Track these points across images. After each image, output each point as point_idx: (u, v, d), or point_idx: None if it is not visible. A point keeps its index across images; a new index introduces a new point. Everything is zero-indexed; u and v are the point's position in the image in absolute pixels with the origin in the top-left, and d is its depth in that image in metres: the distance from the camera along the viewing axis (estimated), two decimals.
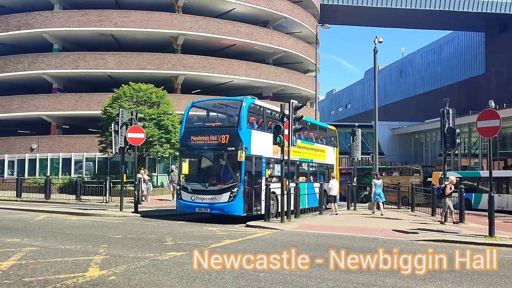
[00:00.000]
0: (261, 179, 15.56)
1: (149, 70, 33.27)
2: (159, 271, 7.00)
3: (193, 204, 15.09)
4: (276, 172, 16.72)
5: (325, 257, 8.49)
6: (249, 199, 14.95)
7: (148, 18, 33.55)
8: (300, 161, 18.83)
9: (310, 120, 21.53)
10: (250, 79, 37.09)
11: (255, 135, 15.55)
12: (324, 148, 21.38)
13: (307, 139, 19.52)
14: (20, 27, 33.59)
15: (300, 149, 18.18)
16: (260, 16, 39.25)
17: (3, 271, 6.72)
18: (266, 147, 15.81)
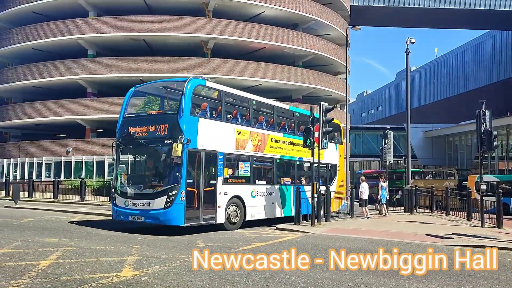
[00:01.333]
0: (215, 180, 12.67)
1: (180, 74, 33.69)
2: (191, 272, 7.07)
3: (127, 211, 12.15)
4: (242, 171, 14.03)
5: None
6: (196, 205, 11.98)
7: (179, 23, 34.05)
8: (282, 159, 16.00)
9: (299, 110, 18.10)
10: (279, 82, 37.05)
11: (207, 125, 12.66)
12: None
13: (295, 133, 16.70)
14: (57, 34, 34.69)
15: (280, 144, 15.74)
16: (290, 19, 39.18)
17: (42, 270, 6.94)
18: (226, 140, 13.27)
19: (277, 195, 15.55)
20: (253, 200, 14.23)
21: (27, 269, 7.00)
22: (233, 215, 13.35)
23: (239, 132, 13.92)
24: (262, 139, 14.88)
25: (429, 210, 22.21)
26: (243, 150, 13.98)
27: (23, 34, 36.10)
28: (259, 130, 14.86)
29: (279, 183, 15.79)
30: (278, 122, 16.34)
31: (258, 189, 14.58)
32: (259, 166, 15.19)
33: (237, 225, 13.45)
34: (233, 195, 13.28)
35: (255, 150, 14.55)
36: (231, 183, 13.47)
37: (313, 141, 14.28)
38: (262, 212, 14.80)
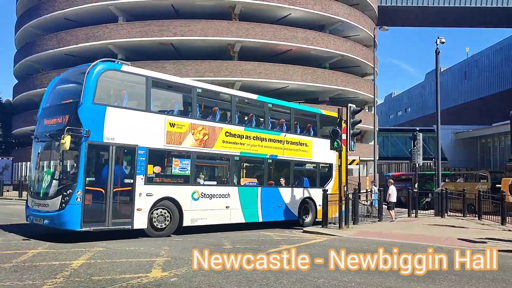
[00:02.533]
0: (134, 178, 11.08)
1: (207, 78, 33.99)
2: (218, 274, 7.11)
3: (32, 213, 10.97)
4: (178, 169, 12.31)
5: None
6: (101, 207, 10.45)
7: (206, 26, 34.40)
8: (244, 157, 14.05)
9: (274, 101, 15.91)
10: (306, 83, 36.90)
11: (120, 115, 11.09)
12: (307, 141, 16.09)
13: (266, 128, 14.92)
14: (88, 39, 35.59)
15: (241, 139, 13.83)
16: (316, 21, 39.00)
17: (74, 270, 7.12)
18: (152, 133, 11.62)
19: (234, 198, 13.51)
20: (195, 203, 12.44)
21: (60, 268, 7.19)
22: (160, 220, 11.57)
23: (173, 124, 12.12)
24: (211, 133, 13.00)
25: (461, 214, 21.65)
26: (179, 145, 12.21)
27: (55, 40, 37.18)
28: (205, 122, 13.00)
29: (238, 184, 13.90)
30: (242, 114, 14.67)
31: (203, 190, 12.72)
32: (207, 164, 13.59)
33: (165, 232, 11.63)
34: (162, 196, 11.60)
35: (200, 145, 12.70)
36: (160, 182, 11.78)
37: (341, 144, 14.15)
38: (211, 217, 12.86)
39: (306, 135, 16.23)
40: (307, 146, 16.02)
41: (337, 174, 16.19)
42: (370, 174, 40.98)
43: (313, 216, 16.00)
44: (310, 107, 17.49)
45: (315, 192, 15.96)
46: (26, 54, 40.34)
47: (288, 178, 15.44)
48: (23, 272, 6.87)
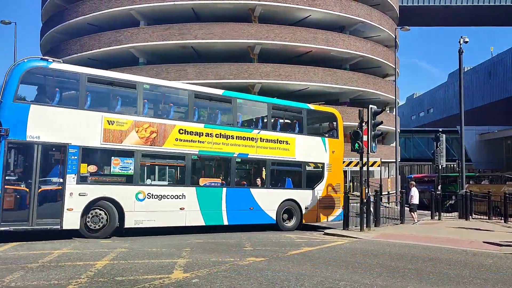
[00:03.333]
0: (64, 177, 10.85)
1: (227, 80, 34.21)
2: (240, 275, 7.13)
3: None
4: (118, 168, 11.78)
5: (408, 267, 8.17)
6: (24, 207, 10.36)
7: (226, 29, 34.60)
8: (203, 155, 13.33)
9: (243, 96, 15.38)
10: (326, 85, 36.73)
11: (47, 113, 10.89)
12: (289, 138, 14.89)
13: (233, 124, 14.00)
14: (110, 44, 36.20)
15: (199, 137, 13.06)
16: (336, 22, 38.78)
17: (98, 270, 7.24)
18: (86, 131, 11.32)
19: (191, 199, 12.76)
20: (140, 204, 11.92)
21: (85, 268, 7.32)
22: (94, 221, 11.21)
23: (111, 122, 11.69)
24: (160, 131, 12.41)
25: (486, 217, 21.18)
26: (120, 143, 11.73)
27: (79, 45, 37.93)
28: (152, 119, 12.44)
29: (196, 184, 13.12)
30: (206, 111, 14.41)
31: (150, 190, 12.16)
32: (156, 163, 13.09)
33: (101, 233, 11.24)
34: (98, 196, 11.26)
35: (147, 144, 12.16)
36: (96, 182, 11.42)
37: (362, 145, 14.03)
38: (160, 219, 12.26)
39: (290, 132, 15.17)
40: (289, 144, 14.78)
41: (331, 174, 15.44)
42: (392, 176, 40.48)
43: (297, 220, 14.70)
44: (297, 102, 16.46)
45: (300, 194, 14.81)
46: None
47: (265, 179, 14.41)
48: (49, 272, 7.02)
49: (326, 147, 15.54)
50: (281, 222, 14.47)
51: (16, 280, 6.48)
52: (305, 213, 14.83)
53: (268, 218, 14.17)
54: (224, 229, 13.56)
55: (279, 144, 14.63)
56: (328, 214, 15.40)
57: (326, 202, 15.34)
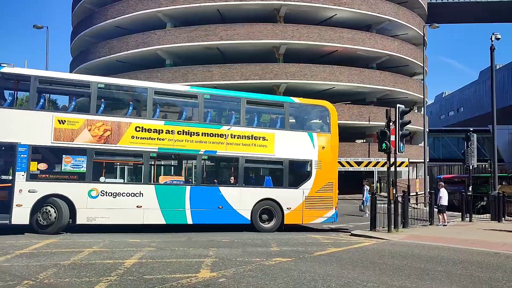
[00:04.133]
0: (13, 175, 11.38)
1: (252, 81, 34.31)
2: (266, 275, 7.14)
3: None
4: (69, 166, 12.01)
5: (438, 270, 8.01)
6: None
7: (251, 30, 34.70)
8: (164, 153, 13.16)
9: (212, 91, 15.41)
10: (352, 84, 36.40)
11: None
12: (266, 134, 14.05)
13: (199, 121, 13.57)
14: (138, 46, 36.83)
15: (159, 134, 12.87)
16: (363, 20, 38.36)
17: (127, 268, 7.38)
18: (36, 130, 11.73)
19: (149, 197, 12.64)
20: (93, 201, 12.07)
21: (114, 267, 7.47)
22: (44, 217, 11.52)
23: (62, 121, 12.04)
24: (115, 128, 12.44)
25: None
26: (71, 141, 12.00)
27: (107, 47, 38.74)
28: (106, 117, 12.49)
29: (155, 182, 13.05)
30: (171, 107, 14.32)
31: (104, 188, 12.24)
32: (111, 160, 13.22)
33: (50, 229, 11.51)
34: (49, 193, 11.61)
35: (100, 142, 12.27)
36: (46, 179, 11.75)
37: (389, 145, 13.82)
38: (115, 216, 12.30)
39: (268, 127, 14.59)
40: (266, 140, 13.91)
41: (320, 172, 14.29)
42: (420, 176, 39.74)
43: (277, 221, 13.76)
44: (281, 96, 15.88)
45: (281, 193, 13.90)
46: (81, 62, 42.26)
47: (237, 177, 13.75)
48: (80, 270, 7.20)
49: (314, 143, 14.41)
50: (258, 223, 13.60)
51: (49, 276, 6.67)
52: (288, 213, 13.82)
53: (241, 218, 13.45)
54: (200, 229, 13.24)
55: (255, 141, 13.82)
56: (317, 215, 14.20)
57: (315, 202, 14.15)
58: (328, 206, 14.37)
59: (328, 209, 14.37)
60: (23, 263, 7.64)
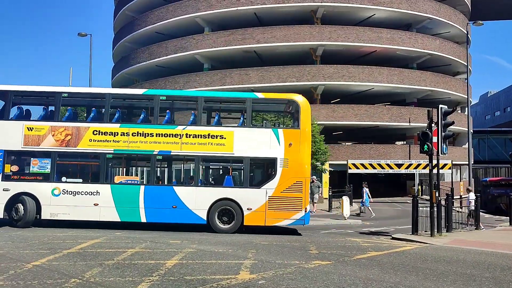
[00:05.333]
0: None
1: (289, 83, 34.25)
2: (305, 278, 7.09)
3: None
4: (36, 168, 13.58)
5: (485, 276, 7.70)
6: None
7: (288, 32, 34.69)
8: (118, 154, 13.84)
9: (173, 92, 16.06)
10: (392, 85, 35.70)
11: None
12: (224, 132, 13.76)
13: (154, 122, 13.98)
14: (176, 51, 37.58)
15: (114, 136, 13.56)
16: (402, 20, 37.58)
17: (168, 269, 7.52)
18: (9, 137, 13.50)
19: (105, 196, 13.38)
20: (56, 199, 13.36)
21: (156, 267, 7.63)
22: (15, 213, 13.23)
23: (30, 128, 13.63)
24: (74, 133, 13.58)
25: None
26: (38, 146, 13.54)
27: (147, 53, 39.74)
28: (67, 123, 13.85)
29: (111, 181, 13.81)
30: (128, 110, 15.17)
31: (65, 187, 13.47)
32: (72, 162, 14.20)
33: (21, 224, 13.08)
34: (19, 192, 13.27)
35: (62, 145, 13.55)
36: (17, 179, 13.47)
37: (432, 147, 13.43)
38: (75, 213, 13.36)
39: (227, 125, 14.42)
40: (225, 139, 13.58)
41: (287, 170, 13.37)
42: (464, 179, 38.41)
43: (237, 222, 13.33)
44: (243, 92, 15.62)
45: (240, 193, 13.42)
46: (122, 67, 43.55)
47: (193, 176, 13.95)
48: (124, 269, 7.39)
49: (280, 140, 13.53)
50: (215, 223, 13.33)
51: (94, 275, 6.90)
52: (248, 214, 13.28)
53: (196, 217, 13.35)
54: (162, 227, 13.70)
55: (212, 139, 13.61)
56: (282, 217, 13.37)
57: (280, 203, 13.31)
58: (296, 207, 13.34)
59: (296, 211, 13.35)
60: (70, 262, 7.94)
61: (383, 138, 42.76)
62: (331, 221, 18.53)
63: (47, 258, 8.23)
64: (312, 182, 22.74)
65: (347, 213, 19.02)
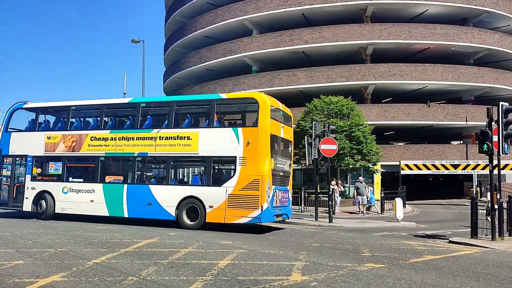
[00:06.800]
0: (25, 177, 16.36)
1: (338, 83, 33.79)
2: (359, 281, 6.96)
3: None
4: (53, 170, 16.20)
5: None
6: (7, 195, 16.61)
7: (337, 32, 34.22)
8: (108, 156, 15.41)
9: (151, 99, 17.35)
10: (446, 83, 34.35)
11: (19, 136, 17.04)
12: (190, 134, 14.33)
13: (135, 127, 15.30)
14: (225, 54, 38.09)
15: (105, 141, 15.40)
16: (457, 14, 36.11)
17: (221, 269, 7.63)
18: (36, 145, 16.33)
19: (99, 194, 15.19)
20: (65, 196, 15.70)
21: (209, 267, 7.76)
22: (39, 207, 15.92)
23: (49, 137, 16.31)
24: (78, 139, 15.82)
25: None
26: (53, 151, 16.11)
27: (197, 57, 40.56)
28: (73, 132, 16.15)
29: (103, 181, 15.35)
30: (120, 118, 16.71)
31: (71, 186, 15.70)
32: (77, 164, 16.42)
33: (44, 217, 15.74)
34: (41, 190, 15.96)
35: (69, 150, 15.90)
36: (41, 180, 16.21)
37: (492, 146, 12.77)
38: (77, 208, 15.46)
39: (194, 126, 14.79)
40: (191, 139, 14.20)
41: (246, 169, 13.27)
42: None
43: (201, 219, 13.61)
44: (210, 94, 16.70)
45: (204, 191, 13.80)
46: (173, 72, 44.72)
47: (165, 175, 14.78)
48: (178, 269, 7.58)
49: (239, 139, 13.55)
50: (182, 220, 13.85)
51: (150, 274, 7.12)
52: (209, 212, 13.54)
53: (166, 214, 14.11)
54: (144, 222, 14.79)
55: (180, 140, 14.40)
56: (240, 215, 13.26)
57: (238, 201, 13.28)
58: (253, 205, 13.15)
59: (253, 209, 13.13)
60: (127, 260, 8.24)
61: (437, 138, 41.21)
62: (384, 223, 18.07)
63: (106, 256, 8.59)
64: (360, 183, 22.31)
65: (400, 215, 18.46)
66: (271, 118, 13.73)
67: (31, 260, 8.18)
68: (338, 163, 26.02)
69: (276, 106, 14.60)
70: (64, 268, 7.48)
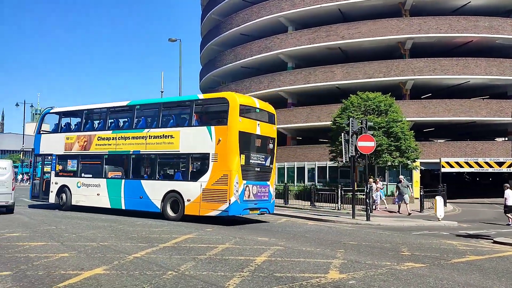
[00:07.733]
0: (50, 173, 18.75)
1: (376, 79, 33.17)
2: (398, 280, 6.82)
3: None
4: (70, 167, 18.33)
5: None
6: (39, 190, 19.15)
7: (374, 26, 33.56)
8: (111, 154, 17.19)
9: (144, 101, 17.73)
10: (490, 77, 33.03)
11: (46, 137, 19.90)
12: (173, 132, 15.55)
13: (132, 127, 16.86)
14: (260, 51, 38.12)
15: (109, 140, 17.18)
16: (502, 5, 34.69)
17: (258, 265, 7.66)
18: (58, 145, 18.62)
19: (103, 188, 17.03)
20: (78, 190, 17.84)
21: (246, 263, 7.80)
22: (60, 200, 18.27)
23: (68, 138, 18.57)
24: (88, 139, 17.81)
25: None
26: (71, 150, 18.30)
27: (233, 54, 40.79)
28: (85, 132, 18.11)
29: (107, 176, 17.22)
30: (122, 119, 17.93)
31: (83, 181, 17.80)
32: (87, 161, 18.14)
33: (64, 208, 17.96)
34: (62, 184, 18.29)
35: (81, 149, 17.98)
36: (62, 175, 18.49)
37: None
38: (87, 200, 17.48)
39: (176, 125, 15.78)
40: (173, 138, 15.51)
41: (217, 165, 14.16)
42: None
43: (181, 211, 14.81)
44: (190, 95, 17.87)
45: (183, 186, 14.96)
46: (209, 70, 45.16)
47: (153, 171, 16.09)
48: (216, 264, 7.67)
49: (212, 136, 14.49)
50: (166, 212, 15.20)
51: (189, 269, 7.24)
52: (187, 205, 14.66)
53: (154, 207, 15.55)
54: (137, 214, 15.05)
55: (165, 139, 15.77)
56: (211, 208, 14.17)
57: (210, 195, 14.24)
58: (222, 199, 14.02)
59: (222, 203, 14.00)
60: (166, 255, 8.41)
61: (480, 135, 39.74)
62: (423, 222, 17.61)
63: (146, 251, 8.80)
64: (400, 183, 21.81)
65: (441, 214, 17.93)
66: (244, 116, 14.57)
67: (75, 253, 8.49)
68: (376, 160, 25.54)
69: (250, 105, 15.38)
70: (106, 261, 7.71)
